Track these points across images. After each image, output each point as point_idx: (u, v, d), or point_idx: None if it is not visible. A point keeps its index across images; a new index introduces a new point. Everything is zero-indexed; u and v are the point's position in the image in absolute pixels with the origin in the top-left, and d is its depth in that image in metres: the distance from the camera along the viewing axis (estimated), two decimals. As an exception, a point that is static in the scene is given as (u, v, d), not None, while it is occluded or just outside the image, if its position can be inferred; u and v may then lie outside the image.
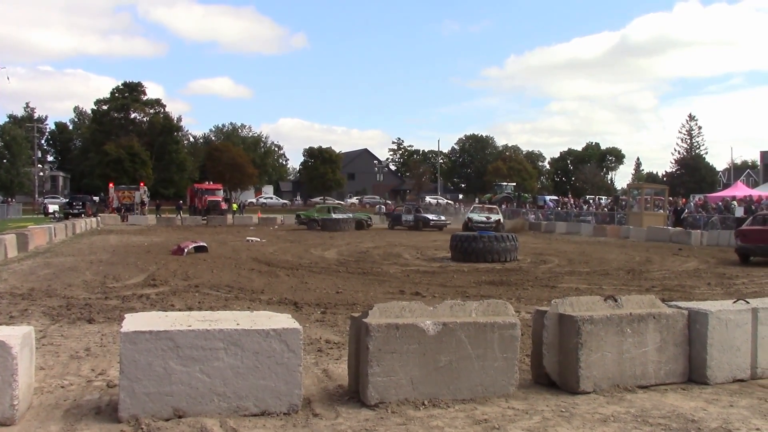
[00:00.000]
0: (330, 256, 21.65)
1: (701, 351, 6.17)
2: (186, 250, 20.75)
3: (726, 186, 62.61)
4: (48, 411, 5.08)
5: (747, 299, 6.88)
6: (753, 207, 35.23)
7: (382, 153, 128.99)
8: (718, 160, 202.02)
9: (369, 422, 4.92)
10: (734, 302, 6.71)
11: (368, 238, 32.50)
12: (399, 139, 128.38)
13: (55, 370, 6.50)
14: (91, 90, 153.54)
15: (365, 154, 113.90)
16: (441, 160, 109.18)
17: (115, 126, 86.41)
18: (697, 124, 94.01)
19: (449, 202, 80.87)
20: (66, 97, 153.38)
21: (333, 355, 7.37)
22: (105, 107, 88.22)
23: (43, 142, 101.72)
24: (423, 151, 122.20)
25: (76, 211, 47.92)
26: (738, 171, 77.51)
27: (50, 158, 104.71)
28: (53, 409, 5.12)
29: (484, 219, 37.51)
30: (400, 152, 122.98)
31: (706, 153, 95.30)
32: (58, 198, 73.56)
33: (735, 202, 38.70)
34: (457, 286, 14.20)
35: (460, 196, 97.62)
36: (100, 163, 76.09)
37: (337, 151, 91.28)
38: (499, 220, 38.06)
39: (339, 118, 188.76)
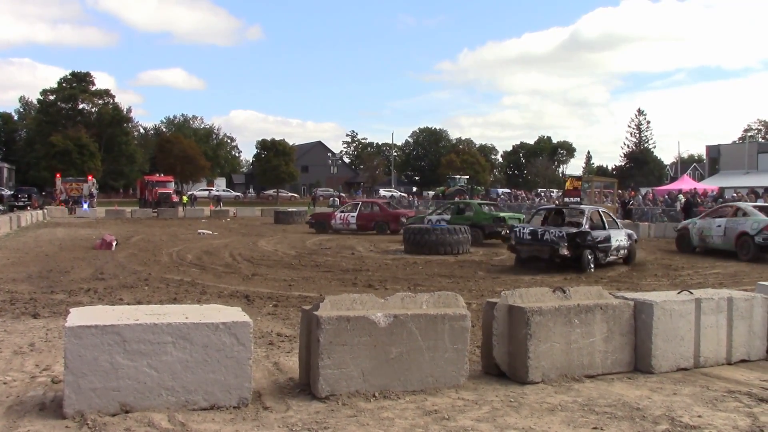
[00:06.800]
0: (283, 249, 21.51)
1: (646, 341, 6.32)
2: (114, 245, 20.07)
3: (673, 179, 63.97)
4: (-11, 408, 4.95)
5: (691, 290, 7.05)
6: (698, 200, 36.18)
7: (337, 146, 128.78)
8: (666, 153, 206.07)
9: (320, 415, 4.91)
10: (678, 293, 6.88)
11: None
12: (353, 131, 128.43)
13: (-2, 366, 6.34)
14: (38, 80, 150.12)
15: (319, 147, 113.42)
16: (395, 153, 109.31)
17: (63, 117, 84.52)
18: (645, 119, 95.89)
19: (403, 194, 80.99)
20: (10, 86, 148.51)
21: (284, 348, 7.34)
22: (52, 97, 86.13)
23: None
24: (377, 143, 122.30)
25: (21, 204, 46.68)
26: (685, 165, 78.96)
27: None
28: (-5, 406, 5.00)
29: None
30: (354, 145, 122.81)
31: (655, 147, 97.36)
32: (2, 190, 71.46)
33: (681, 195, 39.65)
34: (409, 278, 14.25)
35: (414, 189, 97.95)
36: (47, 154, 74.20)
37: (291, 144, 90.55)
38: None
39: (294, 111, 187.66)
